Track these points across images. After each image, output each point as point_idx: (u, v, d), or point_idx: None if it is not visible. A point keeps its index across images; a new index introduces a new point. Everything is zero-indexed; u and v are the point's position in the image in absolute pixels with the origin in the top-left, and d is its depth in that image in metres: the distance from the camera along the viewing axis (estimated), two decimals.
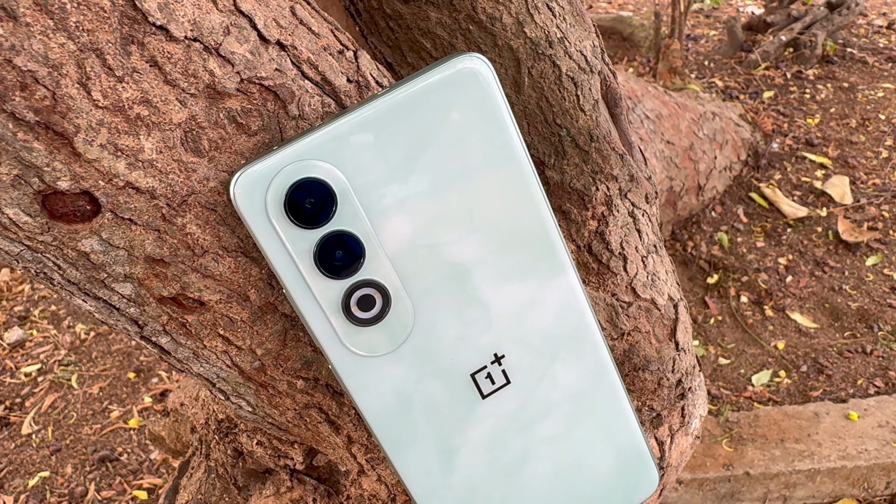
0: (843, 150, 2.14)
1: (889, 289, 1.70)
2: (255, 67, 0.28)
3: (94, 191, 0.27)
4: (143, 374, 1.68)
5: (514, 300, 0.32)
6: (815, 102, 2.36)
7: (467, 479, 0.34)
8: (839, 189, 1.98)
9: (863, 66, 2.53)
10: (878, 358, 1.55)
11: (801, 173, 2.08)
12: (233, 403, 0.36)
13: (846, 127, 2.23)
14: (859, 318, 1.64)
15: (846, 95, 2.39)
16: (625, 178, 0.40)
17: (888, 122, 2.23)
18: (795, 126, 2.26)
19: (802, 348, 1.60)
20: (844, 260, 1.80)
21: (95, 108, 0.26)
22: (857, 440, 1.36)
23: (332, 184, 0.28)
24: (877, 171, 2.05)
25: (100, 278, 0.29)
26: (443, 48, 0.39)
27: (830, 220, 1.91)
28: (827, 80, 2.46)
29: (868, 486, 1.35)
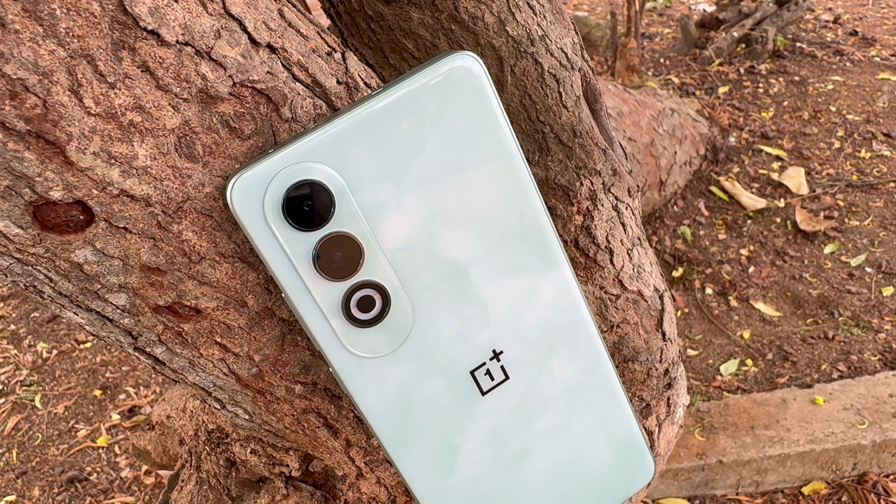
0: (798, 142, 2.19)
1: (847, 275, 1.75)
2: (247, 71, 0.28)
3: (88, 200, 0.26)
4: (109, 391, 1.64)
5: (510, 296, 0.32)
6: (769, 96, 2.41)
7: (469, 477, 0.34)
8: (795, 180, 2.03)
9: (812, 59, 2.60)
10: (839, 343, 1.59)
11: (758, 166, 2.12)
12: (229, 412, 0.35)
13: (799, 119, 2.29)
14: (820, 304, 1.69)
15: (798, 89, 2.45)
16: (608, 173, 0.41)
17: (839, 113, 2.30)
18: (751, 120, 2.31)
19: (767, 336, 1.63)
20: (803, 249, 1.84)
21: (88, 116, 0.25)
22: (824, 424, 1.40)
23: (330, 185, 0.28)
24: (830, 162, 2.11)
25: (93, 289, 0.29)
26: (425, 49, 0.39)
27: (788, 211, 1.95)
28: (779, 75, 2.52)
29: (836, 469, 1.38)
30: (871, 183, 2.00)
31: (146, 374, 1.65)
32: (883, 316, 1.64)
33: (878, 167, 2.06)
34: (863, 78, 2.48)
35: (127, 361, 1.70)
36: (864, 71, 2.52)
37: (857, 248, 1.82)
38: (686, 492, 1.40)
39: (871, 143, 2.16)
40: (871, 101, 2.35)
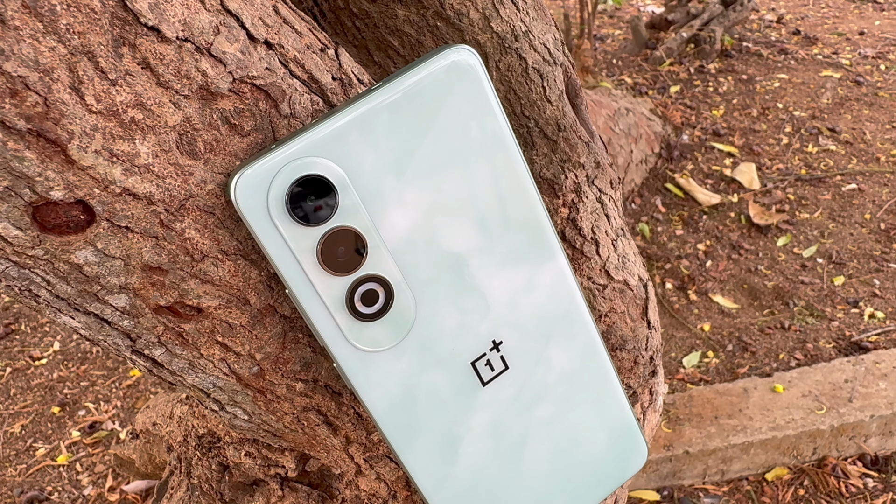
0: (748, 139, 2.25)
1: (800, 266, 1.81)
2: (247, 67, 0.28)
3: (90, 199, 0.26)
4: (68, 407, 1.60)
5: (509, 286, 0.33)
6: (719, 94, 2.48)
7: (471, 467, 0.35)
8: (747, 175, 2.09)
9: (758, 58, 2.68)
10: (795, 332, 1.64)
11: (711, 162, 2.18)
12: (227, 413, 0.35)
13: (748, 116, 2.36)
14: (776, 295, 1.73)
15: (746, 87, 2.52)
16: (591, 166, 0.42)
17: (786, 110, 2.37)
18: (702, 118, 2.36)
19: (727, 328, 1.67)
20: (757, 242, 1.90)
21: (89, 113, 0.25)
22: (785, 411, 1.44)
23: (333, 180, 0.28)
24: (779, 157, 2.17)
25: (92, 291, 0.28)
26: (410, 46, 0.40)
27: (742, 206, 2.00)
28: (727, 73, 2.59)
29: (797, 454, 1.42)
30: (819, 176, 2.07)
31: (106, 388, 1.62)
32: (835, 305, 1.69)
33: (824, 161, 2.13)
34: (807, 75, 2.56)
35: (85, 377, 1.66)
36: (807, 69, 2.61)
37: (809, 239, 1.88)
38: (655, 483, 1.42)
39: (818, 137, 2.23)
40: (816, 98, 2.43)
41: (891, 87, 2.47)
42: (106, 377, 1.63)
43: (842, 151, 2.17)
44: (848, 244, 1.84)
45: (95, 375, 1.65)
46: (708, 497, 1.41)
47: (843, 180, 2.05)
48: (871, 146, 2.18)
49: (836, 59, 2.66)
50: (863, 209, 1.95)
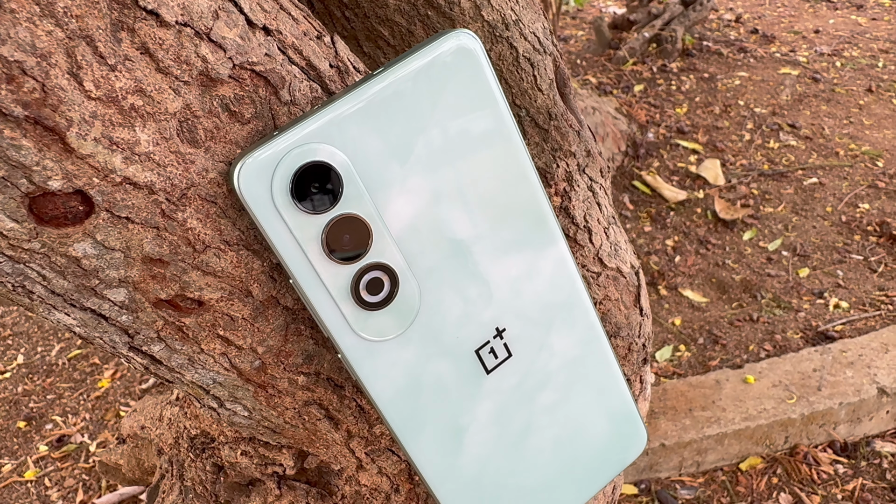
0: (711, 136, 2.29)
1: (766, 260, 1.84)
2: (246, 52, 0.28)
3: (89, 189, 0.25)
4: (34, 421, 1.56)
5: (511, 272, 0.33)
6: (682, 93, 2.51)
7: (476, 456, 0.34)
8: (712, 171, 2.12)
9: (719, 57, 2.73)
10: (764, 324, 1.67)
11: (676, 159, 2.21)
12: (227, 410, 0.34)
13: (711, 114, 2.40)
14: (743, 289, 1.76)
15: (707, 85, 2.56)
16: (582, 154, 0.42)
17: (747, 107, 2.42)
18: (666, 116, 2.40)
19: (697, 322, 1.70)
20: (724, 236, 1.93)
21: (88, 100, 0.24)
22: (756, 401, 1.46)
23: (337, 166, 0.28)
24: (743, 153, 2.21)
25: (90, 286, 0.27)
26: (401, 36, 0.39)
27: (708, 201, 2.04)
28: (689, 72, 2.63)
29: (770, 443, 1.45)
30: (782, 171, 2.11)
31: (74, 401, 1.58)
32: (801, 296, 1.73)
33: (786, 156, 2.18)
34: (766, 73, 2.62)
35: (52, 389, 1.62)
36: (766, 66, 2.66)
37: (773, 233, 1.92)
38: (632, 477, 1.44)
39: (779, 133, 2.28)
40: (776, 95, 2.48)
41: (847, 83, 2.54)
42: (73, 389, 1.59)
43: (802, 146, 2.22)
44: (811, 237, 1.89)
45: (62, 388, 1.61)
46: (684, 489, 1.43)
47: (805, 174, 2.10)
48: (830, 141, 2.23)
49: (794, 57, 2.72)
50: (824, 202, 1.99)
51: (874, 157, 2.14)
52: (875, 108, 2.39)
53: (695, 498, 1.41)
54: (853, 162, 2.13)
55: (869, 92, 2.48)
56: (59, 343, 1.73)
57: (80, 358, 1.67)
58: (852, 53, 2.74)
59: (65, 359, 1.68)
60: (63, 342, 1.73)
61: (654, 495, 1.42)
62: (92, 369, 1.64)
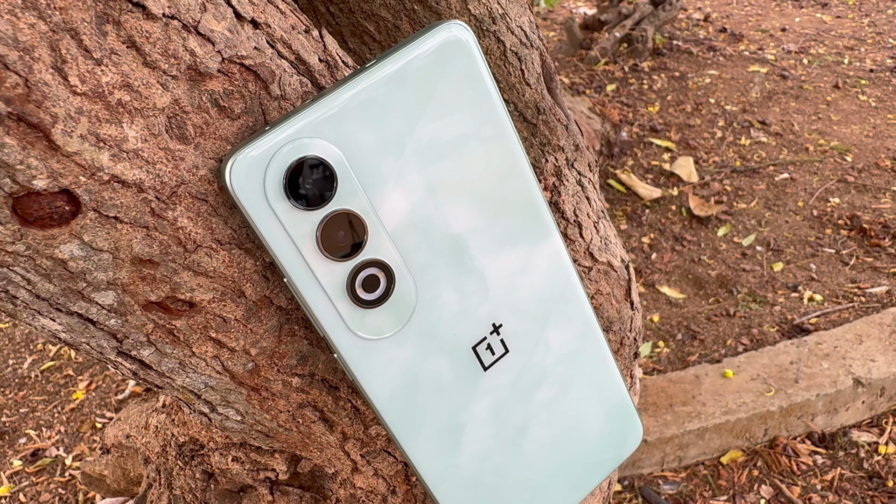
0: (684, 134, 2.31)
1: (740, 255, 1.86)
2: (235, 46, 0.27)
3: (75, 188, 0.24)
4: (7, 436, 1.52)
5: (507, 267, 0.32)
6: (653, 92, 2.54)
7: (474, 455, 0.34)
8: (685, 169, 2.14)
9: (689, 56, 2.75)
10: (741, 318, 1.68)
11: (650, 157, 2.22)
12: (219, 415, 0.33)
13: (683, 112, 2.42)
14: (719, 284, 1.78)
15: (679, 84, 2.59)
16: (570, 148, 0.42)
17: (718, 105, 2.44)
18: (639, 115, 2.42)
19: (675, 318, 1.71)
20: (699, 233, 1.95)
21: (73, 95, 0.23)
22: (736, 395, 1.47)
23: (332, 161, 0.27)
24: (715, 150, 2.23)
25: (77, 289, 0.26)
26: (387, 31, 0.39)
27: (682, 198, 2.06)
28: (660, 71, 2.66)
29: (750, 436, 1.46)
30: (754, 168, 2.14)
31: (48, 414, 1.54)
32: (776, 290, 1.75)
33: (757, 153, 2.21)
34: (735, 71, 2.65)
35: (24, 403, 1.58)
36: (735, 64, 2.70)
37: (747, 228, 1.94)
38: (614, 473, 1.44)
39: (750, 130, 2.31)
40: (745, 92, 2.51)
41: (814, 80, 2.58)
42: (47, 402, 1.56)
43: (773, 143, 2.25)
44: (784, 231, 1.91)
45: (35, 401, 1.58)
46: (667, 484, 1.44)
47: (776, 170, 2.13)
48: (800, 137, 2.26)
49: (762, 55, 2.76)
50: (796, 197, 2.02)
51: (843, 151, 2.18)
52: (842, 103, 2.43)
53: (678, 493, 1.42)
54: (823, 157, 2.16)
55: (836, 88, 2.52)
56: (31, 355, 1.69)
57: (53, 370, 1.64)
58: (819, 51, 2.79)
59: (37, 371, 1.65)
60: (35, 354, 1.69)
61: (638, 491, 1.42)
62: (66, 381, 1.61)
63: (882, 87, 2.50)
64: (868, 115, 2.35)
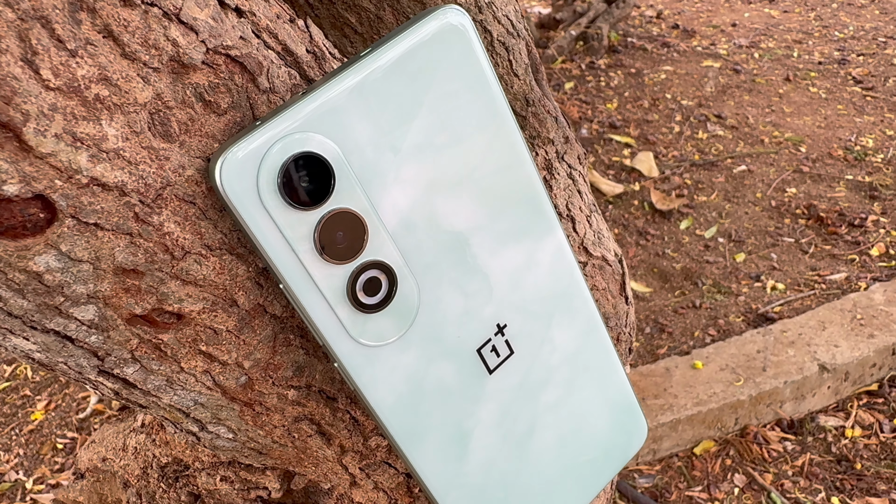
0: (643, 129, 2.33)
1: (703, 247, 1.88)
2: (220, 35, 0.25)
3: (50, 193, 0.22)
4: None
5: (511, 264, 0.31)
6: (611, 88, 2.56)
7: (481, 462, 0.32)
8: (646, 164, 2.16)
9: (644, 52, 2.78)
10: (706, 310, 1.70)
11: (611, 154, 2.24)
12: (209, 434, 0.31)
13: (640, 108, 2.44)
14: (684, 276, 1.80)
15: (635, 80, 2.61)
16: (560, 141, 0.40)
17: (674, 100, 2.47)
18: (598, 112, 2.43)
19: (643, 312, 1.72)
20: (662, 227, 1.96)
21: (46, 90, 0.21)
22: (706, 386, 1.49)
23: (329, 157, 0.25)
24: (673, 145, 2.26)
25: (54, 304, 0.24)
26: (369, 22, 0.37)
27: (644, 193, 2.07)
28: (617, 68, 2.68)
29: (721, 426, 1.48)
30: (712, 161, 2.17)
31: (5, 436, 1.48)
32: (739, 280, 1.77)
33: (715, 146, 2.24)
34: (690, 66, 2.69)
35: None
36: (689, 60, 2.73)
37: (708, 221, 1.97)
38: None
39: (706, 124, 2.34)
40: (700, 87, 2.55)
41: (766, 73, 2.63)
42: (3, 424, 1.50)
43: (729, 136, 2.28)
44: (744, 222, 1.94)
45: None
46: (643, 477, 1.44)
47: (734, 163, 2.16)
48: (755, 129, 2.30)
49: (715, 50, 2.80)
50: (754, 189, 2.05)
51: (797, 143, 2.22)
52: (794, 96, 2.48)
53: (653, 486, 1.42)
54: (778, 149, 2.20)
55: (787, 81, 2.57)
56: None
57: (9, 391, 1.57)
58: (769, 45, 2.85)
59: None
60: None
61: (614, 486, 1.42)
62: (23, 402, 1.55)
63: (831, 79, 2.56)
64: (819, 107, 2.40)
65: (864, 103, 2.40)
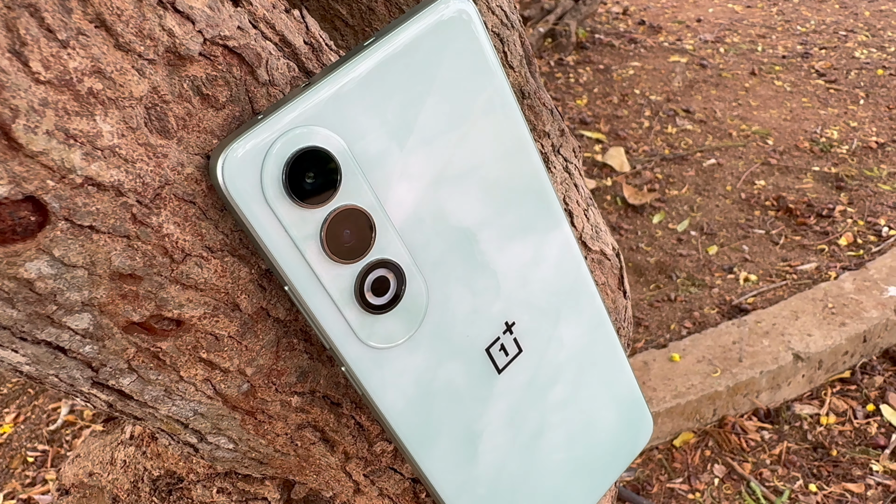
0: (613, 125, 2.35)
1: (676, 241, 1.90)
2: (217, 25, 0.24)
3: (42, 194, 0.21)
4: None
5: (519, 259, 0.30)
6: (580, 85, 2.57)
7: (491, 464, 0.31)
8: (617, 159, 2.17)
9: (611, 48, 2.80)
10: (681, 302, 1.71)
11: (582, 149, 2.24)
12: (208, 445, 0.29)
13: (610, 104, 2.46)
14: (659, 270, 1.81)
15: (604, 76, 2.63)
16: (556, 134, 0.40)
17: (643, 95, 2.49)
18: (568, 108, 2.44)
19: None
20: (635, 221, 1.97)
21: (36, 84, 0.20)
22: (684, 378, 1.50)
23: (335, 152, 0.24)
24: (644, 139, 2.27)
25: (46, 313, 0.23)
26: (360, 14, 0.36)
27: (616, 188, 2.08)
28: (585, 65, 2.69)
29: (700, 417, 1.49)
30: (682, 155, 2.19)
31: None
32: (713, 272, 1.79)
33: (684, 140, 2.26)
34: (657, 62, 2.71)
35: None
36: (657, 55, 2.76)
37: (680, 214, 1.98)
38: None
39: (675, 119, 2.36)
40: (668, 82, 2.57)
41: (731, 67, 2.66)
42: None
43: (698, 130, 2.31)
44: (715, 215, 1.96)
45: None
46: (624, 471, 1.44)
47: (703, 156, 2.18)
48: (723, 123, 2.33)
49: (681, 45, 2.83)
50: (724, 182, 2.08)
51: (764, 135, 2.25)
52: (759, 89, 2.51)
53: (635, 479, 1.43)
54: (746, 142, 2.23)
55: (752, 75, 2.60)
56: None
57: None
58: (734, 39, 2.88)
59: None
60: None
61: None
62: None
63: (795, 73, 2.61)
64: (784, 100, 2.44)
65: (827, 96, 2.44)
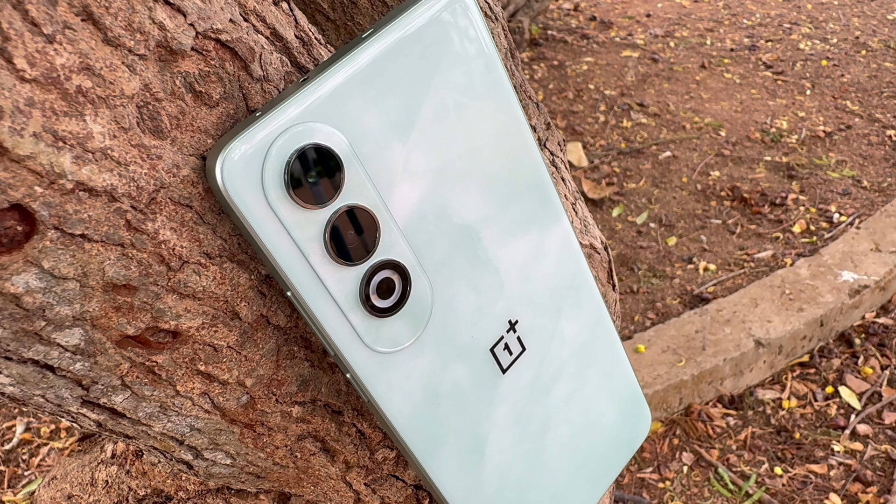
0: (569, 120, 2.36)
1: (636, 233, 1.92)
2: (209, 17, 0.22)
3: (30, 202, 0.19)
4: None
5: (520, 256, 0.29)
6: (535, 81, 2.58)
7: (497, 466, 0.31)
8: (575, 154, 2.19)
9: (564, 44, 2.82)
10: (644, 294, 1.73)
11: None
12: (204, 461, 0.28)
13: (566, 99, 2.47)
14: (621, 263, 1.83)
15: (558, 72, 2.64)
16: (542, 127, 0.39)
17: (597, 90, 2.51)
18: None
19: None
20: (595, 215, 1.99)
21: (21, 82, 0.18)
22: (650, 368, 1.51)
23: (337, 150, 0.23)
24: (600, 134, 2.29)
25: (34, 330, 0.21)
26: (342, 7, 0.35)
27: (575, 183, 2.10)
28: (540, 61, 2.71)
29: (667, 406, 1.51)
30: (638, 148, 2.21)
31: None
32: (673, 263, 1.81)
33: (640, 134, 2.29)
34: (610, 57, 2.74)
35: None
36: (609, 51, 2.79)
37: (639, 207, 2.01)
38: None
39: (630, 113, 2.39)
40: (621, 77, 2.60)
41: (682, 61, 2.71)
42: None
43: (652, 123, 2.34)
44: (673, 207, 1.99)
45: None
46: None
47: (659, 149, 2.21)
48: (676, 116, 2.36)
49: (632, 40, 2.86)
50: (680, 174, 2.11)
51: (716, 127, 2.29)
52: (710, 82, 2.56)
53: None
54: (699, 134, 2.27)
55: (702, 68, 2.65)
56: None
57: None
58: (683, 34, 2.93)
59: None
60: None
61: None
62: None
63: (743, 65, 2.66)
64: (734, 92, 2.49)
65: (775, 87, 2.50)
